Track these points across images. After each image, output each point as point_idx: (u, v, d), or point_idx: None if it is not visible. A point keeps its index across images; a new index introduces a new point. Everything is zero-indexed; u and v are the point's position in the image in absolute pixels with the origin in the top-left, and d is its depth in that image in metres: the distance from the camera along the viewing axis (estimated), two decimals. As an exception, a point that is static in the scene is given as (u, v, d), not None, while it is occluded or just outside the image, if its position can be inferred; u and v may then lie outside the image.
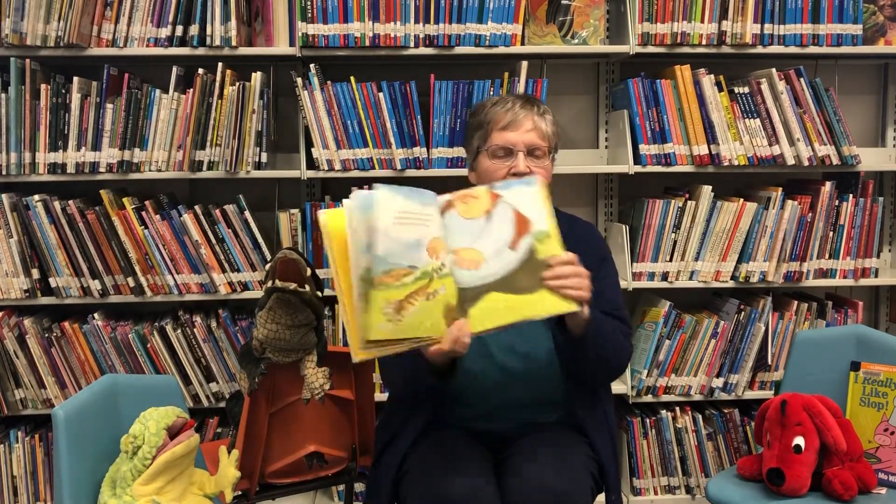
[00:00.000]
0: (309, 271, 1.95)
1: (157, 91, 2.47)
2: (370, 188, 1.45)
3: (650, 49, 2.56)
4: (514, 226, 1.55)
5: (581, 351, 1.70)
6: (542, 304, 1.52)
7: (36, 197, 2.46)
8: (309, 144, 2.53)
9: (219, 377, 2.58)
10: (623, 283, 2.31)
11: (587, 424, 1.83)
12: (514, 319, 1.50)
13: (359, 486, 2.61)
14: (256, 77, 2.46)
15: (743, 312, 2.62)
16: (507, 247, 1.53)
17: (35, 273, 2.51)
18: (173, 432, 1.76)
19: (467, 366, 1.74)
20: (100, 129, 2.47)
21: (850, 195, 2.61)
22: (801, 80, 2.55)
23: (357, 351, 1.39)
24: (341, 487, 2.63)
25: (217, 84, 2.46)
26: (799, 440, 1.96)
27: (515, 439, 1.81)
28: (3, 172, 2.45)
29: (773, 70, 2.53)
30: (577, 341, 1.68)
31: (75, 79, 2.45)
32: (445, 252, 1.48)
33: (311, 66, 2.49)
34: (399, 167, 2.53)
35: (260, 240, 2.54)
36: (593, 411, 1.85)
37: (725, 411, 2.69)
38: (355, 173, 2.53)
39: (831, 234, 2.63)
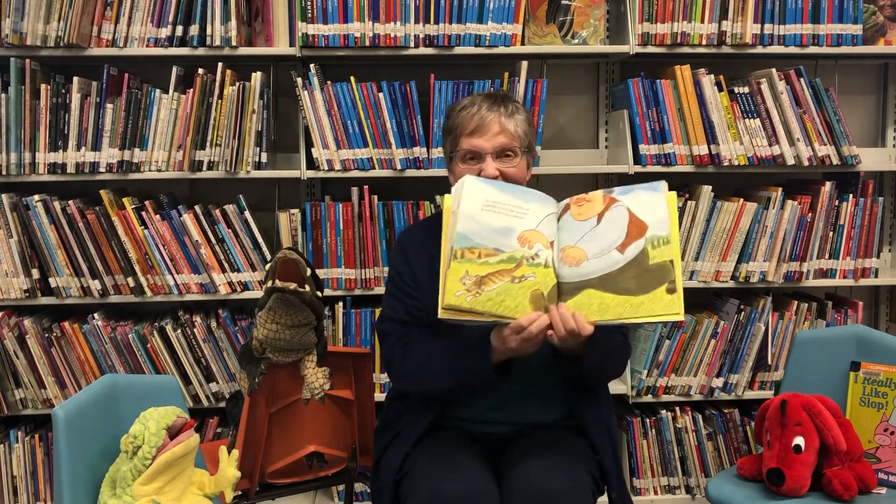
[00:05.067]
0: (309, 271, 1.95)
1: (157, 91, 2.47)
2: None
3: (650, 49, 2.56)
4: (627, 229, 1.59)
5: (579, 366, 1.72)
6: (645, 307, 1.54)
7: (36, 197, 2.46)
8: (309, 144, 2.53)
9: (219, 377, 2.58)
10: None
11: (587, 423, 1.83)
12: (608, 318, 1.55)
13: (359, 487, 2.61)
14: (256, 77, 2.46)
15: (743, 312, 2.62)
16: (614, 248, 1.58)
17: (35, 273, 2.51)
18: (173, 432, 1.76)
19: None
20: (100, 129, 2.47)
21: (850, 195, 2.61)
22: (801, 80, 2.55)
23: (440, 310, 1.54)
24: (341, 487, 2.63)
25: (217, 84, 2.46)
26: (799, 440, 1.96)
27: (515, 441, 1.81)
28: (3, 172, 2.45)
29: (773, 70, 2.53)
30: (575, 358, 1.69)
31: (75, 79, 2.45)
32: (545, 245, 1.58)
33: (311, 66, 2.49)
34: (399, 167, 2.53)
35: (260, 240, 2.54)
36: (593, 410, 1.85)
37: (725, 411, 2.69)
38: (355, 173, 2.53)
39: (831, 234, 2.63)
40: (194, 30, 2.47)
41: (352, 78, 2.50)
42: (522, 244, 1.57)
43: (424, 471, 1.69)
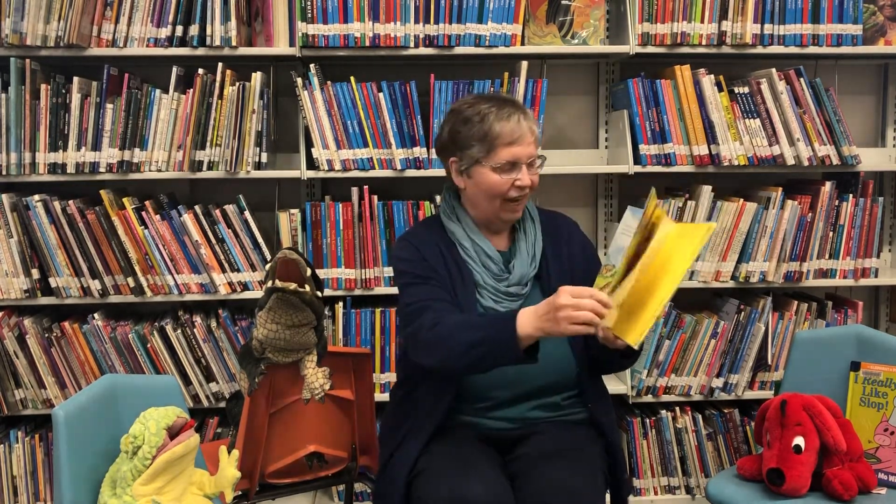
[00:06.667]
0: (309, 271, 1.95)
1: (157, 91, 2.47)
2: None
3: (650, 49, 2.56)
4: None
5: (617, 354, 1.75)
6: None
7: (36, 197, 2.46)
8: (309, 144, 2.53)
9: (219, 377, 2.58)
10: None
11: (594, 405, 1.87)
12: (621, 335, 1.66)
13: (359, 487, 2.61)
14: (256, 77, 2.46)
15: (743, 312, 2.62)
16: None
17: (35, 273, 2.51)
18: (173, 432, 1.76)
19: None
20: (100, 129, 2.47)
21: (850, 195, 2.61)
22: (801, 80, 2.55)
23: None
24: (341, 487, 2.63)
25: (217, 84, 2.46)
26: (799, 440, 1.96)
27: (524, 439, 1.82)
28: (3, 172, 2.45)
29: (773, 70, 2.53)
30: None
31: (75, 79, 2.45)
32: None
33: (311, 66, 2.49)
34: (399, 167, 2.53)
35: (260, 240, 2.54)
36: (598, 394, 1.91)
37: (725, 411, 2.69)
38: (355, 173, 2.53)
39: (831, 234, 2.63)
40: (194, 30, 2.47)
41: (352, 78, 2.50)
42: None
43: (440, 471, 1.70)
